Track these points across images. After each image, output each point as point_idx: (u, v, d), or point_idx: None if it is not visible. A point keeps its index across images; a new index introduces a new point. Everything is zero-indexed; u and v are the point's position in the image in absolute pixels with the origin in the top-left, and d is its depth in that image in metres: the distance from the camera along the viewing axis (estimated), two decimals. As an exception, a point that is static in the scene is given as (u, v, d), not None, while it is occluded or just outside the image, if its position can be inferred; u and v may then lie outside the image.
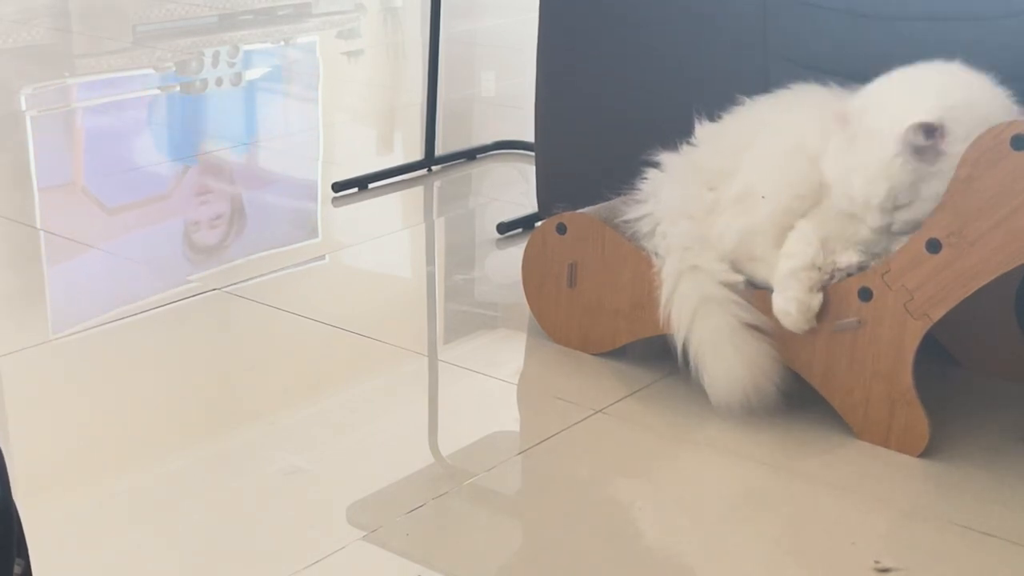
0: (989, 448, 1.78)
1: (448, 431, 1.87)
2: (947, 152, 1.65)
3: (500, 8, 5.21)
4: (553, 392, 1.94)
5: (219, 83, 4.04)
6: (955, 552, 1.54)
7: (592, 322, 2.03)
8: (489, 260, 2.53)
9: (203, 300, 2.28)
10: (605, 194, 2.07)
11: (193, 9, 5.17)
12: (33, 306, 2.30)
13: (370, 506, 1.63)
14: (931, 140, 1.65)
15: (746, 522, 1.62)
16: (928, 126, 1.64)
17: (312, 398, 1.94)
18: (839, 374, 1.78)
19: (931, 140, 1.65)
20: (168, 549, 1.54)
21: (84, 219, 2.72)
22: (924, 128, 1.64)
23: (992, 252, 1.63)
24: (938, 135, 1.65)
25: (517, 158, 3.13)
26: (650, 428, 1.84)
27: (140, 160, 3.19)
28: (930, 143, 1.65)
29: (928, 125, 1.64)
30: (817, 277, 1.76)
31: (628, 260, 1.95)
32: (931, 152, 1.66)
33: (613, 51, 2.30)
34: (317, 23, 5.13)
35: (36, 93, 3.82)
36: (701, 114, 1.98)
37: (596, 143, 2.36)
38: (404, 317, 2.26)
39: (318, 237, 2.69)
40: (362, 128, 3.64)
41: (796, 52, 2.06)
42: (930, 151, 1.66)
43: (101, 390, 1.96)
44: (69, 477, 1.71)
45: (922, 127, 1.64)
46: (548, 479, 1.71)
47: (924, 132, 1.64)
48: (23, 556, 0.94)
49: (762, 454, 1.76)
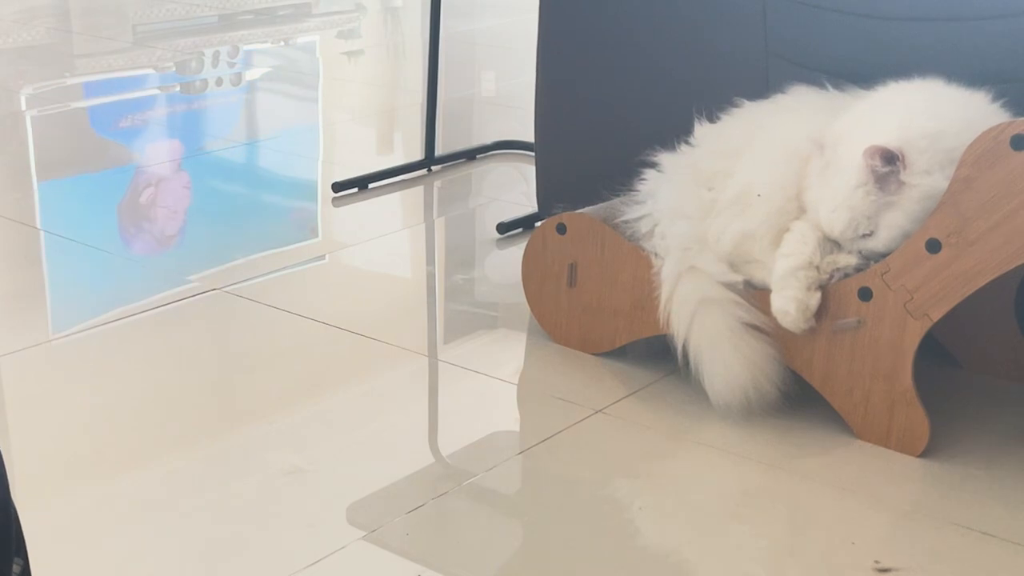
0: (989, 448, 1.78)
1: (448, 431, 1.87)
2: (908, 183, 1.66)
3: (500, 8, 5.21)
4: (553, 392, 1.94)
5: (219, 83, 4.04)
6: (955, 552, 1.54)
7: (592, 322, 2.03)
8: (489, 260, 2.53)
9: (203, 300, 2.28)
10: (605, 194, 2.07)
11: (193, 9, 5.17)
12: (33, 306, 2.30)
13: (370, 506, 1.63)
14: (891, 167, 1.65)
15: (746, 522, 1.62)
16: (887, 152, 1.65)
17: (312, 398, 1.94)
18: (839, 374, 1.78)
19: (891, 167, 1.65)
20: (168, 549, 1.54)
21: (84, 218, 2.72)
22: (882, 154, 1.65)
23: (992, 252, 1.63)
24: (899, 164, 1.65)
25: (517, 158, 3.13)
26: (650, 428, 1.84)
27: (140, 160, 3.19)
28: (890, 170, 1.65)
29: (886, 151, 1.65)
30: (815, 276, 1.76)
31: (628, 260, 1.95)
32: (892, 180, 1.66)
33: (613, 51, 2.31)
34: (317, 23, 5.13)
35: (36, 93, 3.82)
36: (701, 115, 1.98)
37: (596, 143, 2.36)
38: (404, 317, 2.26)
39: (318, 237, 2.69)
40: (362, 128, 3.64)
41: (796, 52, 2.06)
42: (891, 179, 1.66)
43: (101, 390, 1.96)
44: (69, 477, 1.71)
45: (879, 152, 1.65)
46: (548, 479, 1.71)
47: (882, 158, 1.65)
48: (22, 555, 0.94)
49: (762, 454, 1.76)
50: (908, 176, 1.66)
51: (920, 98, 1.73)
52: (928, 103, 1.72)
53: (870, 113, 1.75)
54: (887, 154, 1.65)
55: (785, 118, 1.87)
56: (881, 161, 1.65)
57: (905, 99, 1.75)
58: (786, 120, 1.86)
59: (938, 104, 1.72)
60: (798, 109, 1.87)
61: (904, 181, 1.66)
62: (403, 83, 4.26)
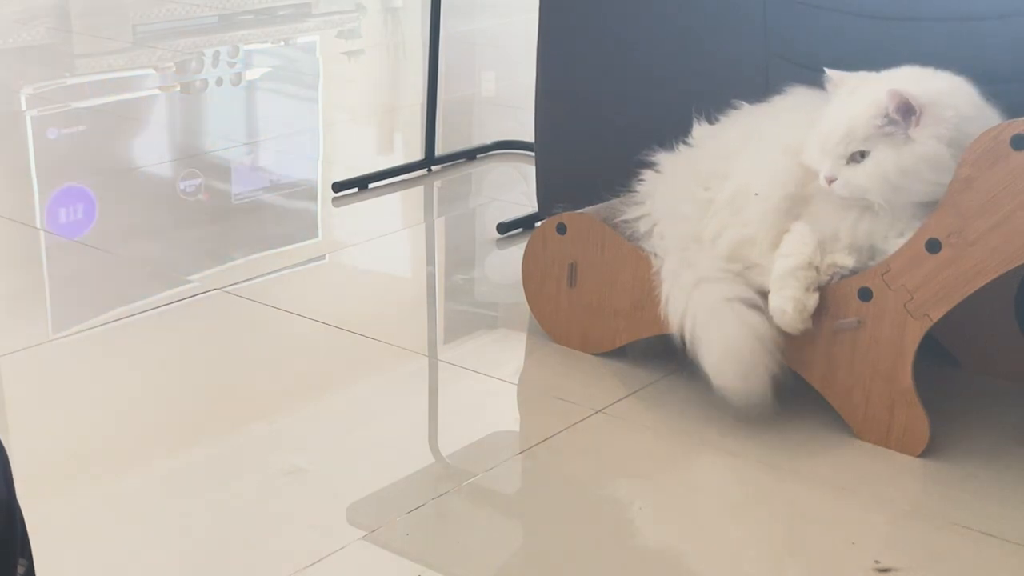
0: (989, 448, 1.78)
1: (448, 431, 1.87)
2: (914, 140, 1.66)
3: (500, 8, 5.21)
4: (553, 392, 1.94)
5: (219, 83, 4.04)
6: (955, 552, 1.54)
7: (592, 322, 2.03)
8: (489, 260, 2.53)
9: (203, 300, 2.28)
10: (605, 194, 2.07)
11: (193, 9, 5.17)
12: (33, 306, 2.30)
13: (370, 506, 1.63)
14: (905, 118, 1.65)
15: (746, 522, 1.62)
16: (906, 103, 1.64)
17: (312, 398, 1.94)
18: (839, 374, 1.78)
19: (905, 118, 1.65)
20: (168, 549, 1.54)
21: (84, 218, 2.72)
22: (902, 101, 1.64)
23: (992, 252, 1.63)
24: (913, 118, 1.65)
25: (517, 158, 3.13)
26: (650, 428, 1.84)
27: (140, 160, 3.19)
28: (902, 120, 1.65)
29: (907, 102, 1.64)
30: (815, 277, 1.75)
31: (628, 260, 1.95)
32: (900, 131, 1.66)
33: (613, 51, 2.31)
34: (317, 23, 5.13)
35: (36, 93, 3.82)
36: (700, 115, 1.98)
37: (596, 143, 2.36)
38: (404, 317, 2.26)
39: (318, 237, 2.69)
40: (362, 128, 3.64)
41: (796, 52, 2.06)
42: (899, 129, 1.66)
43: (101, 390, 1.96)
44: (69, 477, 1.71)
45: (901, 99, 1.64)
46: (548, 479, 1.71)
47: (901, 105, 1.64)
48: (26, 556, 0.94)
49: (762, 454, 1.76)
50: (917, 132, 1.65)
51: (956, 81, 1.73)
52: (961, 85, 1.72)
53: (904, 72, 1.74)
54: (906, 104, 1.65)
55: (782, 118, 1.87)
56: (898, 107, 1.65)
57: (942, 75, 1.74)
58: (784, 121, 1.86)
59: (970, 92, 1.72)
60: (796, 110, 1.87)
61: (911, 137, 1.66)
62: (403, 83, 4.26)
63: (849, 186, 1.70)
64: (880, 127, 1.67)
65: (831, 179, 1.71)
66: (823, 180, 1.72)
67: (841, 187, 1.71)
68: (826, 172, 1.72)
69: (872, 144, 1.68)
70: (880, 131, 1.67)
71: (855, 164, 1.69)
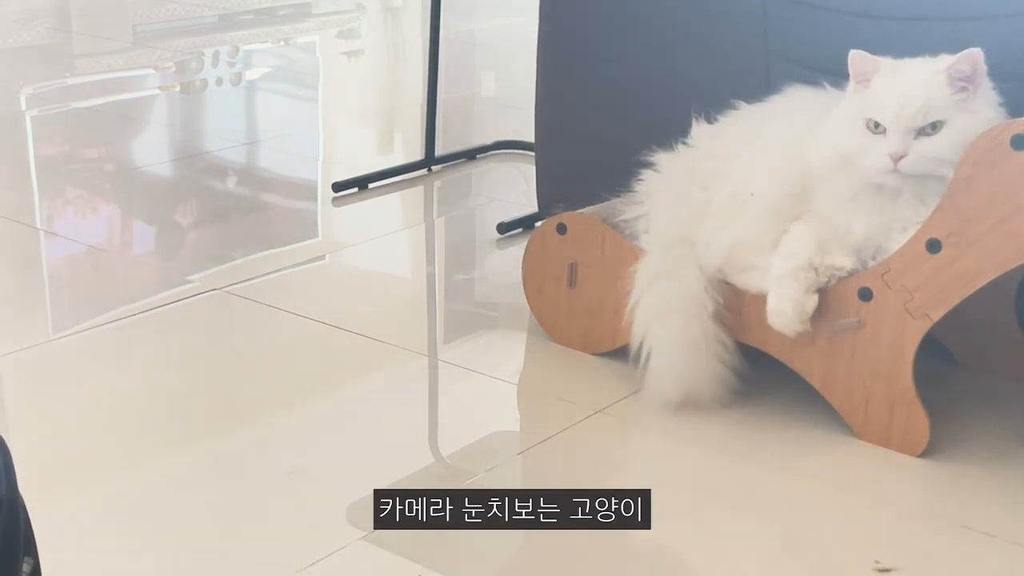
0: (989, 448, 1.78)
1: (448, 431, 1.87)
2: (978, 107, 1.65)
3: (500, 8, 5.21)
4: (553, 392, 1.94)
5: (219, 83, 4.04)
6: (955, 552, 1.54)
7: (592, 322, 2.03)
8: (489, 260, 2.53)
9: (203, 300, 2.28)
10: (605, 194, 2.07)
11: (193, 9, 5.17)
12: (33, 306, 2.30)
13: (370, 506, 1.63)
14: (971, 81, 1.64)
15: (746, 522, 1.62)
16: (980, 63, 1.64)
17: (312, 398, 1.94)
18: (839, 374, 1.78)
19: (971, 81, 1.64)
20: (168, 549, 1.54)
21: (84, 219, 2.72)
22: (977, 60, 1.63)
23: (992, 252, 1.63)
24: (974, 77, 1.64)
25: (517, 158, 3.13)
26: (650, 428, 1.84)
27: (140, 160, 3.19)
28: (970, 84, 1.64)
29: (980, 60, 1.63)
30: (814, 279, 1.75)
31: (628, 260, 1.95)
32: (969, 96, 1.65)
33: (613, 51, 2.30)
34: (317, 23, 5.13)
35: (36, 93, 3.82)
36: (700, 115, 1.98)
37: (596, 143, 2.36)
38: (404, 317, 2.26)
39: (318, 237, 2.69)
40: (362, 128, 3.64)
41: (796, 52, 2.06)
42: (968, 95, 1.65)
43: (101, 390, 1.96)
44: (69, 477, 1.71)
45: (975, 56, 1.63)
46: (548, 479, 1.71)
47: (976, 67, 1.63)
48: (32, 555, 0.94)
49: (762, 454, 1.76)
50: (976, 87, 1.65)
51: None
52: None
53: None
54: (979, 66, 1.64)
55: (783, 119, 1.87)
56: (974, 69, 1.64)
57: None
58: (783, 121, 1.86)
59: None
60: (796, 110, 1.86)
61: (975, 103, 1.66)
62: (403, 83, 4.26)
63: (924, 160, 1.65)
64: (954, 93, 1.65)
65: (899, 155, 1.65)
66: (886, 159, 1.66)
67: (912, 163, 1.65)
68: (894, 149, 1.65)
69: (949, 112, 1.65)
70: (955, 98, 1.65)
71: (925, 137, 1.65)
